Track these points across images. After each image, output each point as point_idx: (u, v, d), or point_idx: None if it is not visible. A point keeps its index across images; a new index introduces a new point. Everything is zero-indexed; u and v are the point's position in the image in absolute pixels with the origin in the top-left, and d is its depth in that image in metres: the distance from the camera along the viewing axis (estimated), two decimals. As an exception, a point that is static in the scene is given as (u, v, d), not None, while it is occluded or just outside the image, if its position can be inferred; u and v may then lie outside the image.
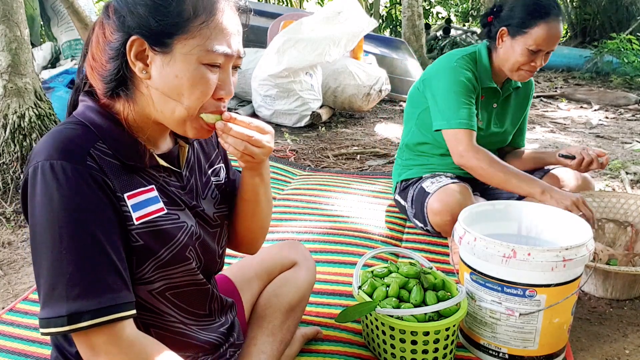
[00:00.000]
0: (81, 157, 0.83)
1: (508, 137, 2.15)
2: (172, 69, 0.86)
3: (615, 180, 2.99)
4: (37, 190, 0.82)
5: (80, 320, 0.81)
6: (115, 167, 0.88)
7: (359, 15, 4.21)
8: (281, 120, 4.05)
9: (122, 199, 0.88)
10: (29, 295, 1.79)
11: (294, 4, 10.13)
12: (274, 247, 1.46)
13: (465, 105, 1.90)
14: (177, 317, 1.01)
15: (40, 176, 0.81)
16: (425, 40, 6.82)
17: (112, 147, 0.88)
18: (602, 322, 1.68)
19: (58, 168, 0.81)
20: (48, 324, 0.81)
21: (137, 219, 0.89)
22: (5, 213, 2.45)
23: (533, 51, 1.81)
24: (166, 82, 0.87)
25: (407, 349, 1.35)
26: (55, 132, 0.86)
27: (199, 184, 1.06)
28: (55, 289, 0.81)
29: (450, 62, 1.96)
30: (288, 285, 1.33)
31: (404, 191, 2.17)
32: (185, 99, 0.87)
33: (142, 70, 0.87)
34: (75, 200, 0.81)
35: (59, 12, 5.19)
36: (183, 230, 0.96)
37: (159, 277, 0.94)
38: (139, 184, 0.91)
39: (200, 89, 0.87)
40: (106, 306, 0.82)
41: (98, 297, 0.82)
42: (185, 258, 0.97)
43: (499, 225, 1.64)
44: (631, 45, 6.19)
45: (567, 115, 4.72)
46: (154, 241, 0.91)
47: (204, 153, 1.11)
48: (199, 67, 0.86)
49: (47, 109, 2.83)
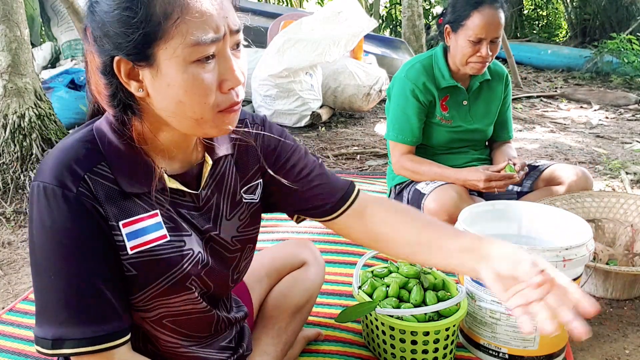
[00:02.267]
0: (74, 183, 0.80)
1: (487, 131, 2.17)
2: (162, 80, 0.77)
3: (615, 180, 2.99)
4: (34, 212, 0.82)
5: (62, 347, 0.81)
6: (113, 192, 0.83)
7: (359, 15, 4.21)
8: (281, 120, 4.05)
9: (115, 228, 0.84)
10: (29, 295, 1.79)
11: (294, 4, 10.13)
12: (285, 246, 1.44)
13: (405, 119, 2.02)
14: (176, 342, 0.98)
15: (36, 197, 0.81)
16: (425, 40, 6.81)
17: (115, 170, 0.84)
18: (602, 322, 1.68)
19: (50, 193, 0.80)
20: (37, 342, 0.83)
21: (131, 249, 0.85)
22: (5, 213, 2.45)
23: (474, 42, 1.88)
24: (163, 95, 0.79)
25: (407, 349, 1.35)
26: (62, 149, 0.83)
27: (223, 204, 0.98)
28: (45, 309, 0.83)
29: (402, 73, 2.07)
30: (297, 285, 1.32)
31: (399, 195, 2.18)
32: (188, 107, 0.79)
33: (138, 88, 0.79)
34: (66, 228, 0.80)
35: (59, 12, 5.20)
36: (188, 258, 0.90)
37: (154, 306, 0.90)
38: (140, 210, 0.86)
39: (197, 91, 0.77)
40: (90, 337, 0.81)
41: (82, 327, 0.81)
42: (186, 288, 0.91)
43: (499, 225, 1.64)
44: (631, 45, 6.18)
45: (567, 115, 4.72)
46: (149, 271, 0.87)
47: (241, 168, 1.01)
48: (188, 68, 0.76)
49: (47, 109, 2.83)
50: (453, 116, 2.07)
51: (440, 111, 2.06)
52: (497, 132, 2.21)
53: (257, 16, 5.28)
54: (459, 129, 2.08)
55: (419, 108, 2.02)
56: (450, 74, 2.03)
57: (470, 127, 2.09)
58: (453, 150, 2.12)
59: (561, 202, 1.97)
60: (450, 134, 2.07)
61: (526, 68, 7.18)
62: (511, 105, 2.25)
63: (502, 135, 2.22)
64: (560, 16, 9.95)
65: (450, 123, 2.06)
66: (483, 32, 1.86)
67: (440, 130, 2.07)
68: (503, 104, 2.18)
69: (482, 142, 2.20)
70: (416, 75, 2.01)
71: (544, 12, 10.17)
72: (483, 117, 2.13)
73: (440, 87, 2.03)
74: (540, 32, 9.51)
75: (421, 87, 2.00)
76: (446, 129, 2.07)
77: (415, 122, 2.02)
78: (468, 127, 2.09)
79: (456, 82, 2.04)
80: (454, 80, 2.03)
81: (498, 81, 2.15)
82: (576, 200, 2.00)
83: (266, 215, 2.31)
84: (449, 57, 2.02)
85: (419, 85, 2.00)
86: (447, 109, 2.07)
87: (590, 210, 2.01)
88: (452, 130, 2.07)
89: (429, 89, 2.02)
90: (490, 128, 2.18)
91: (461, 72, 2.02)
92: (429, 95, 2.03)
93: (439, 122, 2.06)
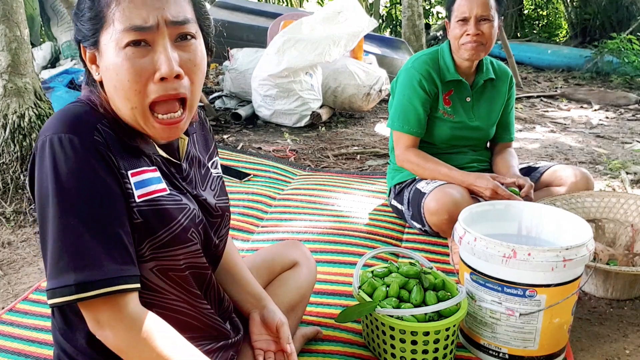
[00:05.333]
0: (89, 131, 0.84)
1: (489, 130, 2.17)
2: (103, 63, 0.86)
3: (615, 180, 2.99)
4: (46, 163, 0.82)
5: (88, 290, 0.81)
6: (118, 145, 0.89)
7: (359, 15, 4.21)
8: (281, 120, 4.04)
9: (125, 176, 0.88)
10: (29, 295, 1.79)
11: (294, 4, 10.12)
12: (275, 247, 1.46)
13: (412, 109, 2.03)
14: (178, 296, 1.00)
15: (49, 149, 0.82)
16: (426, 40, 6.81)
17: (115, 127, 0.89)
18: (603, 322, 1.68)
19: (66, 141, 0.82)
20: (54, 294, 0.82)
21: (139, 197, 0.89)
22: (5, 213, 2.45)
23: (461, 21, 1.95)
24: (106, 78, 0.87)
25: (407, 349, 1.35)
26: (63, 110, 0.88)
27: (198, 176, 1.05)
28: (61, 259, 0.82)
29: (408, 64, 2.09)
30: (288, 285, 1.33)
31: (399, 195, 2.18)
32: (121, 92, 0.85)
33: (97, 72, 0.90)
34: (84, 173, 0.82)
35: (58, 12, 5.19)
36: (185, 212, 0.96)
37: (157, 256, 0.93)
38: (142, 164, 0.92)
39: (126, 76, 0.83)
40: (113, 277, 0.82)
41: (105, 268, 0.82)
42: (187, 239, 0.96)
43: (499, 225, 1.64)
44: (631, 45, 6.18)
45: (567, 115, 4.72)
46: (155, 220, 0.91)
47: (204, 144, 1.11)
48: (120, 52, 0.83)
49: (47, 109, 2.83)
50: (456, 111, 2.07)
51: (443, 105, 2.06)
52: (498, 133, 2.21)
53: (257, 16, 5.28)
54: (460, 125, 2.08)
55: (425, 99, 2.03)
56: (455, 68, 2.04)
57: (472, 124, 2.09)
58: (454, 149, 2.12)
59: (561, 202, 1.96)
60: (452, 130, 2.07)
61: (526, 68, 7.17)
62: (514, 107, 2.26)
63: (503, 136, 2.22)
64: (561, 16, 9.95)
65: (452, 118, 2.07)
66: (466, 10, 1.92)
67: (442, 126, 2.07)
68: (506, 105, 2.18)
69: (483, 143, 2.20)
70: (423, 66, 2.04)
71: (544, 12, 10.17)
72: (486, 115, 2.13)
73: (444, 81, 2.05)
74: (540, 32, 9.51)
75: (427, 77, 2.02)
76: (448, 124, 2.06)
77: (421, 113, 2.03)
78: (470, 123, 2.09)
79: (461, 77, 2.05)
80: (458, 75, 2.04)
81: (502, 81, 2.16)
82: (576, 200, 2.00)
83: (266, 215, 2.33)
84: (453, 51, 2.05)
85: (425, 75, 2.02)
86: (450, 103, 2.07)
87: (590, 210, 2.00)
88: (454, 126, 2.07)
89: (434, 80, 2.04)
90: (493, 129, 2.18)
91: (465, 66, 2.04)
92: (434, 87, 2.04)
93: (441, 115, 2.06)
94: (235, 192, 2.51)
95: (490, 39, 1.95)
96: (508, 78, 2.18)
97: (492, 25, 1.94)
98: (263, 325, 1.15)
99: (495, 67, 2.16)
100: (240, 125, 4.08)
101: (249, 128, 4.04)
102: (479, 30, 1.93)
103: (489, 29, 1.94)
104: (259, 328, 1.15)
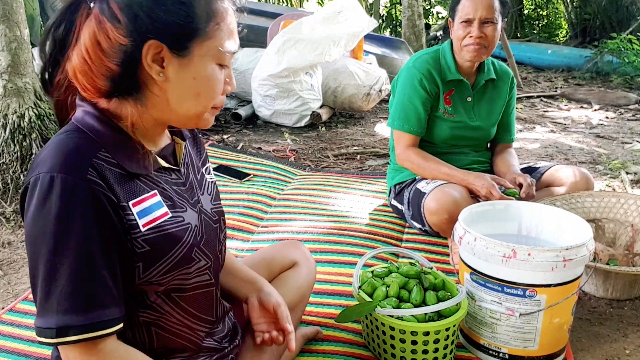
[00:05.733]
0: (83, 171, 0.82)
1: (490, 131, 2.17)
2: (189, 71, 0.88)
3: (615, 180, 2.99)
4: (35, 201, 0.81)
5: (67, 335, 0.82)
6: (118, 175, 0.87)
7: (359, 15, 4.21)
8: (281, 120, 4.04)
9: (126, 208, 0.87)
10: (29, 295, 1.79)
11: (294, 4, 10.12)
12: (275, 247, 1.46)
13: (412, 108, 2.03)
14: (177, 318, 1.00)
15: (39, 188, 0.81)
16: (426, 40, 6.81)
17: (115, 155, 0.87)
18: (603, 322, 1.68)
19: (58, 182, 0.80)
20: (40, 333, 0.83)
21: (143, 226, 0.89)
22: (5, 213, 2.45)
23: (465, 22, 1.94)
24: (183, 83, 0.89)
25: (407, 349, 1.35)
26: (58, 142, 0.85)
27: (195, 181, 1.06)
28: (48, 299, 0.82)
29: (409, 63, 2.09)
30: (288, 285, 1.33)
31: (399, 195, 2.18)
32: (203, 98, 0.91)
33: (159, 73, 0.87)
34: (74, 216, 0.81)
35: (59, 12, 5.19)
36: (188, 232, 0.97)
37: (166, 280, 0.94)
38: (142, 190, 0.91)
39: (215, 88, 0.92)
40: (94, 322, 0.83)
41: (86, 313, 0.82)
42: (192, 259, 0.97)
43: (499, 225, 1.64)
44: (631, 45, 6.18)
45: (567, 115, 4.72)
46: (161, 245, 0.91)
47: (196, 151, 1.12)
48: (214, 68, 0.90)
49: (47, 109, 2.83)
50: (456, 111, 2.07)
51: (444, 104, 2.06)
52: (499, 134, 2.21)
53: (257, 16, 5.28)
54: (461, 124, 2.08)
55: (426, 98, 2.03)
56: (457, 67, 2.04)
57: (472, 124, 2.09)
58: (454, 149, 2.12)
59: (561, 202, 1.96)
60: (452, 129, 2.07)
61: (526, 68, 7.18)
62: (515, 108, 2.25)
63: (504, 137, 2.22)
64: (561, 16, 9.95)
65: (453, 117, 2.07)
66: (471, 11, 1.91)
67: (443, 125, 2.07)
68: (507, 106, 2.18)
69: (483, 143, 2.20)
70: (424, 65, 2.04)
71: (544, 12, 10.17)
72: (486, 115, 2.13)
73: (445, 80, 2.05)
74: (540, 32, 9.51)
75: (428, 76, 2.02)
76: (448, 124, 2.06)
77: (421, 112, 2.03)
78: (470, 123, 2.09)
79: (462, 76, 2.05)
80: (459, 74, 2.04)
81: (504, 81, 2.16)
82: (576, 200, 2.00)
83: (266, 215, 2.33)
84: (455, 51, 2.04)
85: (426, 74, 2.02)
86: (450, 102, 2.07)
87: (590, 210, 2.00)
88: (454, 126, 2.07)
89: (435, 80, 2.04)
90: (493, 129, 2.18)
91: (467, 66, 2.04)
92: (435, 86, 2.04)
93: (442, 115, 2.06)
94: (235, 192, 2.51)
95: (493, 42, 1.95)
96: (509, 78, 2.18)
97: (495, 28, 1.94)
98: (261, 309, 1.16)
99: (497, 68, 2.16)
100: (240, 125, 4.08)
101: (249, 128, 4.04)
102: (483, 32, 1.92)
103: (493, 32, 1.94)
104: (257, 312, 1.16)
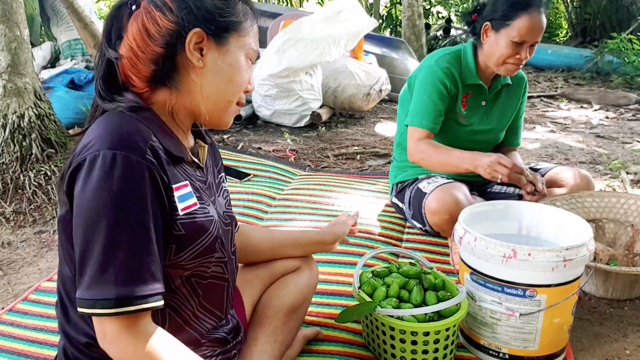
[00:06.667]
0: (142, 151, 0.87)
1: (499, 134, 2.15)
2: (227, 58, 0.98)
3: (615, 180, 2.99)
4: (95, 176, 0.84)
5: (128, 305, 0.84)
6: (164, 159, 0.92)
7: (359, 15, 4.21)
8: (281, 120, 4.04)
9: (172, 190, 0.93)
10: (29, 296, 1.79)
11: (294, 4, 10.12)
12: None
13: (432, 104, 1.96)
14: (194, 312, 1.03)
15: (101, 163, 0.84)
16: (426, 40, 6.81)
17: (162, 140, 0.93)
18: (603, 323, 1.68)
19: (120, 159, 0.84)
20: (94, 304, 0.84)
21: (182, 210, 0.94)
22: (5, 213, 2.45)
23: (517, 43, 1.83)
24: (220, 70, 0.98)
25: (407, 349, 1.34)
26: (115, 123, 0.89)
27: (214, 183, 1.12)
28: (105, 271, 0.83)
29: (431, 60, 2.02)
30: (290, 286, 1.33)
31: (400, 193, 2.17)
32: (234, 85, 1.00)
33: (198, 60, 0.96)
34: (134, 192, 0.85)
35: (58, 12, 5.19)
36: (213, 224, 1.01)
37: (192, 265, 0.98)
38: (180, 178, 0.96)
39: (245, 77, 1.02)
40: (151, 294, 0.86)
41: (144, 285, 0.85)
42: (215, 249, 1.02)
43: (499, 225, 1.64)
44: (632, 45, 6.18)
45: (567, 115, 4.72)
46: (194, 232, 0.96)
47: (213, 158, 1.17)
48: (246, 61, 1.02)
49: (47, 109, 2.83)
50: (471, 114, 2.05)
51: (460, 107, 2.03)
52: (507, 137, 2.19)
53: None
54: (472, 127, 2.05)
55: (445, 97, 1.97)
56: (477, 71, 2.00)
57: (484, 128, 2.08)
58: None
59: (561, 202, 1.96)
60: (464, 132, 2.05)
61: (526, 68, 7.18)
62: (524, 112, 2.24)
63: (511, 140, 2.21)
64: (561, 16, 9.95)
65: (465, 121, 2.04)
66: (528, 35, 1.81)
67: (455, 127, 2.04)
68: (518, 110, 2.17)
69: (491, 147, 2.18)
70: (446, 64, 1.97)
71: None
72: (498, 120, 2.11)
73: (465, 83, 2.01)
74: (541, 32, 9.49)
75: (450, 75, 1.97)
76: (460, 127, 2.04)
77: (441, 109, 1.96)
78: (482, 127, 2.07)
79: (481, 81, 2.01)
80: (479, 79, 2.00)
81: (518, 87, 2.13)
82: (576, 200, 2.00)
83: (266, 215, 2.33)
84: (480, 55, 1.98)
85: (448, 73, 1.96)
86: (466, 106, 2.04)
87: (590, 210, 2.00)
88: (466, 129, 2.05)
89: (455, 80, 1.98)
90: (502, 133, 2.16)
91: (489, 72, 2.00)
92: (454, 87, 1.99)
93: (456, 117, 2.03)
94: (235, 192, 2.51)
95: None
96: (523, 83, 2.15)
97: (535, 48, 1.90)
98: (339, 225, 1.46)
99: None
100: (240, 125, 4.08)
101: (249, 128, 4.04)
102: (529, 54, 1.87)
103: (534, 51, 1.89)
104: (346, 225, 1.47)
